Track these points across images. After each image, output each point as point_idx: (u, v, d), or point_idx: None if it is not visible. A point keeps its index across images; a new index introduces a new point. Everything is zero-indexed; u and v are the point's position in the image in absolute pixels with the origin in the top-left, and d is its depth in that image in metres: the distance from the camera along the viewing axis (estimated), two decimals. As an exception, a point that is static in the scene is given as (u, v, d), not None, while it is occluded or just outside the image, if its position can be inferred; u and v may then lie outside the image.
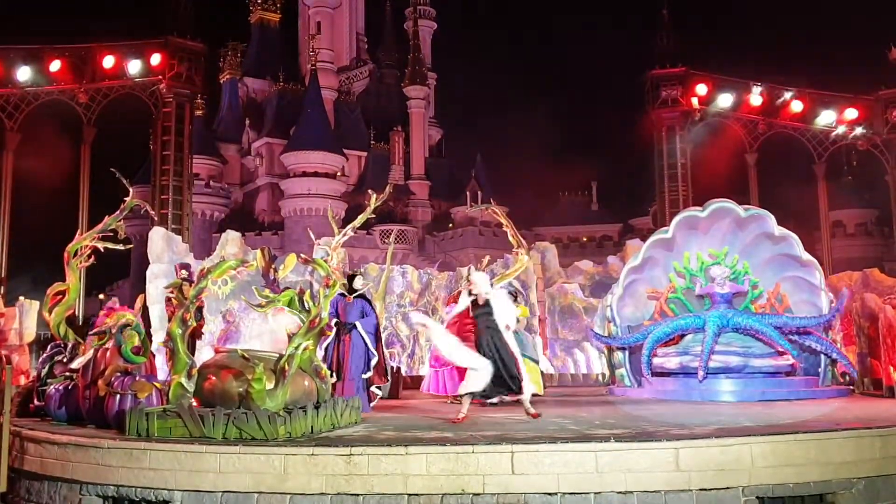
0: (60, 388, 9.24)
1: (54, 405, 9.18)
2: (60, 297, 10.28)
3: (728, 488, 6.49)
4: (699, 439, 6.74)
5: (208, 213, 51.38)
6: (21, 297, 15.05)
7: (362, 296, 11.46)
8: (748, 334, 12.06)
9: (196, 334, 10.10)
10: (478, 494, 6.43)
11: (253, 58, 60.31)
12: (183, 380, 7.88)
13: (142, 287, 15.94)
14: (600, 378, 17.57)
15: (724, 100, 22.51)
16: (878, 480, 6.83)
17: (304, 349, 8.00)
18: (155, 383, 8.38)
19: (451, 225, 55.43)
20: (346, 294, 11.17)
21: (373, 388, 11.22)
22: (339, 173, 52.66)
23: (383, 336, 17.66)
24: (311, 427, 7.63)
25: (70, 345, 10.09)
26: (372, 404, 11.01)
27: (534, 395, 12.68)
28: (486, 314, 8.88)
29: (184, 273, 11.92)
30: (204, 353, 10.84)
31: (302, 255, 10.70)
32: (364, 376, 11.07)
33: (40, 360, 10.72)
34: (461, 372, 12.62)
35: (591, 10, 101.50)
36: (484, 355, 8.69)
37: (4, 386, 8.26)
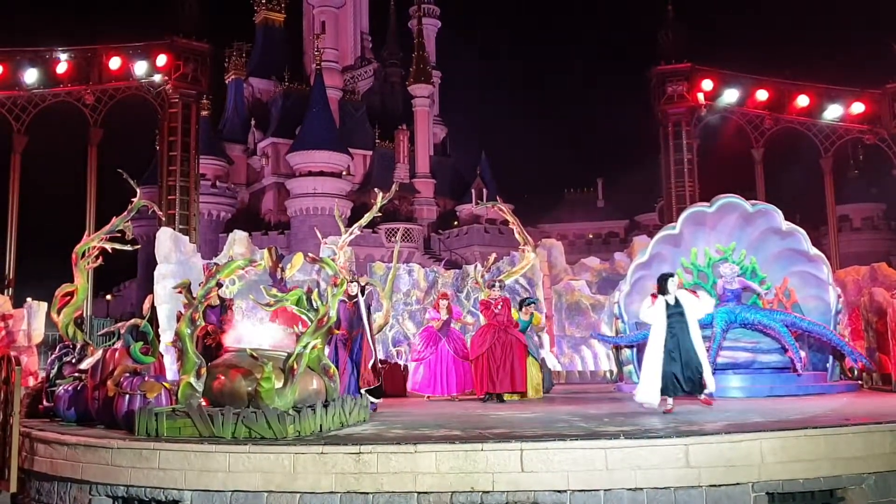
0: (69, 388, 9.27)
1: (63, 406, 9.21)
2: (69, 298, 10.32)
3: (738, 484, 6.48)
4: (709, 435, 6.73)
5: (215, 213, 51.46)
6: (29, 299, 15.08)
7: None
8: (756, 330, 12.04)
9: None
10: (487, 492, 6.43)
11: (258, 58, 60.35)
12: (192, 379, 7.90)
13: (149, 288, 15.97)
14: (608, 375, 17.57)
15: (730, 95, 22.40)
16: (889, 476, 6.80)
17: (313, 348, 8.01)
18: (164, 383, 8.40)
19: (456, 223, 55.41)
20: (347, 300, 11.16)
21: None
22: (344, 172, 52.68)
23: (390, 334, 17.72)
24: (320, 426, 7.64)
25: (79, 346, 10.13)
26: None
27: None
28: (678, 314, 9.09)
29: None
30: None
31: (309, 254, 10.74)
32: None
33: (49, 361, 10.75)
34: (459, 369, 12.74)
35: (595, 5, 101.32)
36: (669, 355, 8.97)
37: (14, 387, 8.29)
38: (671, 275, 9.51)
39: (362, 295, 11.37)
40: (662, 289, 9.28)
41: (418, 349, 13.26)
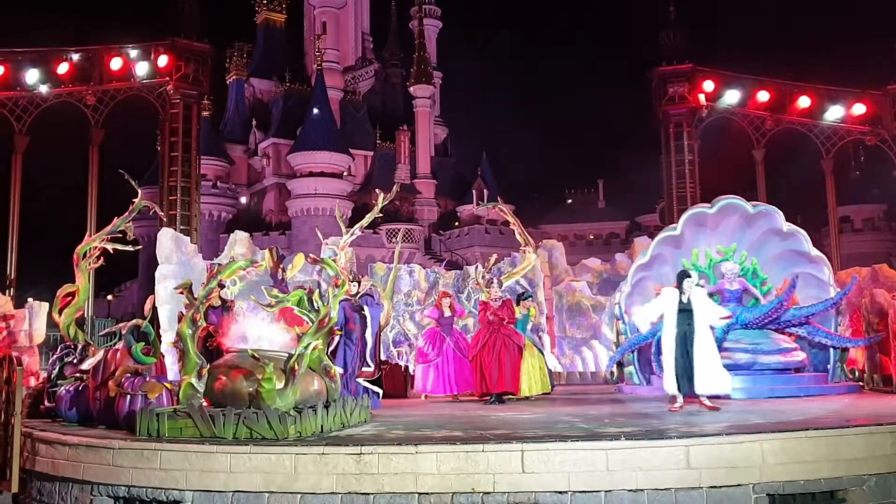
0: (71, 389, 9.28)
1: (65, 406, 9.22)
2: (70, 298, 10.33)
3: (739, 486, 6.48)
4: (709, 437, 6.74)
5: (216, 213, 51.51)
6: (30, 299, 15.09)
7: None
8: (760, 327, 12.03)
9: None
10: (488, 493, 6.44)
11: (259, 58, 60.41)
12: (193, 380, 7.91)
13: (150, 288, 15.98)
14: (609, 376, 17.55)
15: (732, 96, 22.41)
16: (890, 477, 6.81)
17: (314, 348, 8.02)
18: (165, 384, 8.42)
19: (457, 224, 55.43)
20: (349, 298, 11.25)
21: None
22: (345, 173, 52.72)
23: (390, 335, 17.75)
24: (321, 426, 7.64)
25: (80, 346, 10.14)
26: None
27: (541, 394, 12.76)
28: (688, 312, 9.41)
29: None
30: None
31: (310, 255, 10.74)
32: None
33: (50, 361, 10.77)
34: (465, 368, 12.77)
35: (597, 6, 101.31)
36: (679, 352, 9.35)
37: (15, 387, 8.30)
38: (689, 274, 9.69)
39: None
40: (679, 286, 9.56)
41: (425, 351, 13.25)
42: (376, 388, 11.48)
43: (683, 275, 9.65)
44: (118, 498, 7.24)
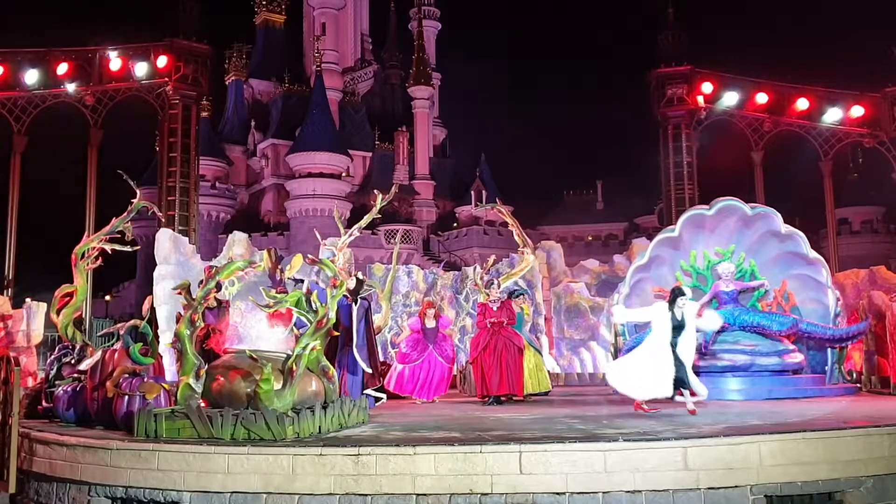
0: (69, 389, 9.27)
1: (63, 407, 9.22)
2: (68, 298, 10.33)
3: (736, 487, 6.49)
4: (707, 438, 6.75)
5: (214, 214, 51.45)
6: (28, 299, 15.07)
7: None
8: (756, 331, 12.05)
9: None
10: (486, 494, 6.44)
11: (258, 59, 60.36)
12: (191, 381, 7.90)
13: (149, 288, 15.97)
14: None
15: (730, 98, 22.44)
16: (888, 479, 6.83)
17: (312, 349, 8.02)
18: (163, 384, 8.41)
19: (455, 224, 55.40)
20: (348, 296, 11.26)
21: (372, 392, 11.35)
22: (344, 174, 52.68)
23: (389, 336, 17.78)
24: (319, 427, 7.65)
25: (78, 346, 10.14)
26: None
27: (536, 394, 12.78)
28: (681, 327, 9.53)
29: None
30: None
31: (309, 256, 10.74)
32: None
33: (48, 361, 10.75)
34: (445, 374, 12.85)
35: (596, 8, 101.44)
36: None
37: (13, 388, 8.30)
38: (683, 292, 9.66)
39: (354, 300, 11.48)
40: (671, 302, 9.54)
41: (405, 352, 13.28)
42: (381, 395, 11.57)
43: (678, 292, 9.63)
44: (116, 498, 7.24)
